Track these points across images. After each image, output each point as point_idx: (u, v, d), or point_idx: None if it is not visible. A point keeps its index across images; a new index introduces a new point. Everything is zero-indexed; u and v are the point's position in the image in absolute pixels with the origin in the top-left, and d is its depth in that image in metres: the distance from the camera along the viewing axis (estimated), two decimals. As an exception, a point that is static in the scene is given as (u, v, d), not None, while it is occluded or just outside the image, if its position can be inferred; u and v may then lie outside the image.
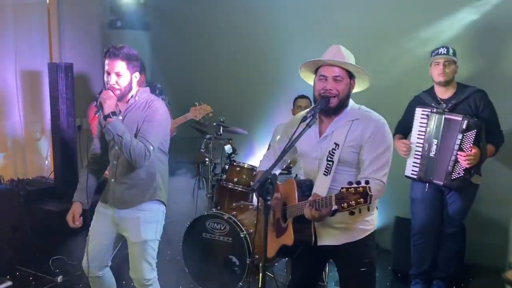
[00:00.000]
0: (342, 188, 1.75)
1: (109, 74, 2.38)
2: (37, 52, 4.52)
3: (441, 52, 3.08)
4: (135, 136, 2.38)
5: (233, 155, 3.69)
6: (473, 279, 3.65)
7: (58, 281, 3.55)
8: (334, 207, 1.85)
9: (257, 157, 4.48)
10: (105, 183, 2.65)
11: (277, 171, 2.38)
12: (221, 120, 3.71)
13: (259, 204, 1.82)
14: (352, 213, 1.76)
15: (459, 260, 3.55)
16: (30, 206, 3.84)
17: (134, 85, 2.45)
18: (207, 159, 3.84)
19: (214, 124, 3.70)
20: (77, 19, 4.80)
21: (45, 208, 3.85)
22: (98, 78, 5.16)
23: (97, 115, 2.42)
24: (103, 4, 4.89)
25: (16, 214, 3.85)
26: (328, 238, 2.13)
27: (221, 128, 3.68)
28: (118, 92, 2.38)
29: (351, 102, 2.17)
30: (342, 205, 1.74)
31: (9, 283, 3.48)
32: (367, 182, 1.72)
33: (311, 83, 2.21)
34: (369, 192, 1.69)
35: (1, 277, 3.50)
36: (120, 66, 2.36)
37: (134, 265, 2.54)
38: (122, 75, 2.37)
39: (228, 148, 3.71)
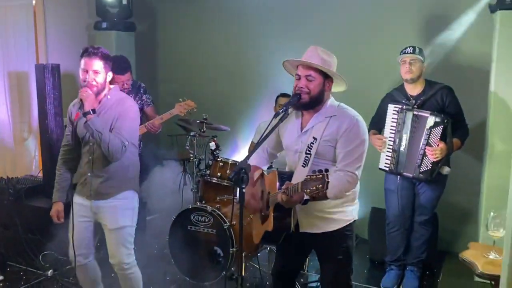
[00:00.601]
0: (307, 175, 1.93)
1: (87, 72, 2.53)
2: (23, 54, 4.62)
3: (407, 51, 3.26)
4: (110, 131, 2.55)
5: (217, 151, 3.84)
6: (445, 265, 3.84)
7: (49, 275, 3.65)
8: (306, 197, 2.02)
9: (240, 153, 4.64)
10: None
11: (265, 166, 2.54)
12: (204, 117, 3.85)
13: (235, 192, 1.98)
14: (313, 198, 1.95)
15: (432, 247, 3.73)
16: (19, 203, 3.95)
17: (107, 83, 2.62)
18: (191, 155, 3.98)
19: (198, 121, 3.85)
20: (63, 20, 4.89)
21: (34, 205, 3.97)
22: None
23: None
24: (88, 6, 4.99)
25: (5, 211, 3.95)
26: (309, 226, 2.30)
27: (205, 125, 3.83)
28: (95, 89, 2.54)
29: (331, 99, 2.32)
30: (305, 190, 1.91)
31: (0, 277, 3.60)
32: (326, 170, 1.89)
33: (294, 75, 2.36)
34: (326, 179, 1.86)
35: (-8, 272, 3.63)
36: (98, 64, 2.53)
37: (112, 251, 2.70)
38: (99, 72, 2.54)
39: (211, 145, 3.87)
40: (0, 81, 4.44)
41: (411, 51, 3.25)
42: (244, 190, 1.91)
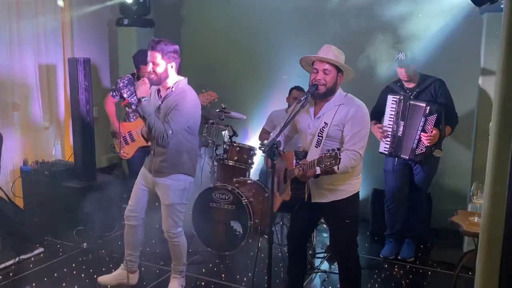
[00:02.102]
0: (321, 154, 2.36)
1: (151, 63, 2.92)
2: (52, 47, 4.98)
3: (401, 58, 3.63)
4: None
5: (234, 137, 4.26)
6: (438, 240, 4.27)
7: (84, 247, 4.10)
8: (318, 171, 2.45)
9: (253, 139, 5.06)
10: None
11: (281, 146, 2.94)
12: (223, 106, 4.27)
13: (268, 163, 2.40)
14: (325, 173, 2.36)
15: (426, 224, 4.17)
16: (54, 184, 4.35)
17: (172, 73, 2.97)
18: (210, 141, 4.40)
19: (217, 110, 4.25)
20: (87, 16, 5.25)
21: (67, 185, 4.36)
22: (106, 71, 5.67)
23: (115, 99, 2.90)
24: (113, 3, 5.36)
25: (42, 191, 4.35)
26: (320, 197, 2.72)
27: (223, 113, 4.24)
28: (154, 77, 2.92)
29: (340, 90, 2.73)
30: (321, 166, 2.34)
31: (41, 249, 4.01)
32: (338, 149, 2.34)
33: (309, 71, 2.75)
34: (339, 156, 2.30)
35: (34, 245, 4.04)
36: (157, 57, 2.90)
37: (163, 221, 3.13)
38: (158, 64, 2.91)
39: (228, 131, 4.28)
40: (32, 73, 4.78)
41: (403, 58, 3.61)
42: (274, 162, 2.33)
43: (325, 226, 4.19)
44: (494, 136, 1.77)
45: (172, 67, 2.97)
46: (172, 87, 3.01)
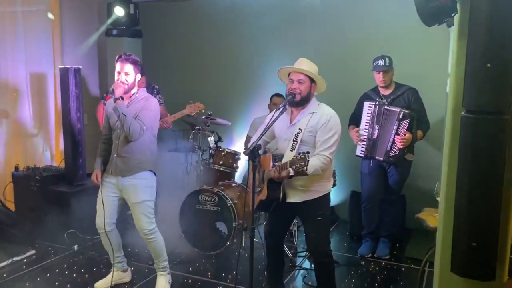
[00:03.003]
0: (293, 156, 2.62)
1: (119, 73, 3.17)
2: (43, 56, 5.15)
3: (380, 63, 3.91)
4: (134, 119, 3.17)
5: (219, 143, 4.48)
6: (412, 238, 4.54)
7: (75, 249, 4.25)
8: (291, 173, 2.68)
9: (237, 144, 5.28)
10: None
11: (261, 150, 3.17)
12: (209, 113, 4.48)
13: (249, 164, 2.62)
14: (298, 174, 2.60)
15: (400, 224, 4.45)
16: (45, 189, 4.49)
17: (136, 83, 3.25)
18: (196, 147, 4.60)
19: (203, 117, 4.47)
20: (77, 27, 5.44)
21: (58, 190, 4.51)
22: (95, 80, 5.85)
23: (104, 105, 3.12)
24: (99, 14, 5.56)
25: (33, 196, 4.49)
26: (294, 196, 2.95)
27: (209, 120, 4.45)
28: (126, 86, 3.17)
29: (313, 100, 2.98)
30: (292, 166, 2.59)
31: (33, 251, 4.15)
32: (307, 152, 2.59)
33: (286, 82, 3.01)
34: (307, 158, 2.55)
35: (26, 247, 4.17)
36: (129, 68, 3.17)
37: (136, 220, 3.31)
38: (129, 74, 3.18)
39: (214, 136, 4.50)
40: (23, 81, 4.95)
41: (383, 63, 3.89)
42: (255, 163, 2.55)
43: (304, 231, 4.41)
44: (446, 142, 2.01)
45: (138, 78, 3.26)
46: (136, 93, 3.27)
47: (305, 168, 2.60)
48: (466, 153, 1.77)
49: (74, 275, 3.76)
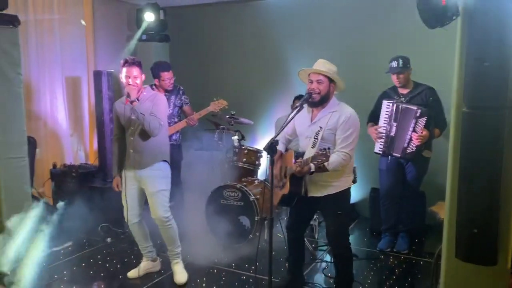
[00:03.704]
0: (316, 151, 2.77)
1: (128, 77, 3.39)
2: (77, 61, 5.48)
3: (393, 66, 4.01)
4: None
5: (242, 141, 4.68)
6: (431, 234, 4.60)
7: (108, 241, 4.54)
8: (312, 168, 2.84)
9: (260, 143, 5.46)
10: None
11: (283, 148, 3.32)
12: (232, 113, 4.68)
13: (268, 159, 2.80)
14: (319, 169, 2.74)
15: (420, 220, 4.53)
16: (80, 185, 4.81)
17: (142, 84, 3.47)
18: (220, 145, 4.81)
19: (227, 116, 4.67)
20: (109, 33, 5.76)
21: (93, 185, 4.82)
22: (125, 82, 6.15)
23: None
24: (130, 21, 5.85)
25: (69, 191, 4.81)
26: (315, 191, 3.11)
27: (233, 119, 4.66)
28: (136, 88, 3.39)
29: (333, 99, 3.13)
30: (314, 162, 2.74)
31: (70, 243, 4.45)
32: (328, 148, 2.75)
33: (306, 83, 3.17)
34: (328, 154, 2.70)
35: (63, 239, 4.47)
36: (136, 71, 3.40)
37: (153, 209, 3.52)
38: (137, 77, 3.40)
39: (238, 135, 4.70)
40: (59, 85, 5.28)
41: (396, 65, 3.99)
42: (274, 157, 2.73)
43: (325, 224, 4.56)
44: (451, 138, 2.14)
45: (143, 78, 3.48)
46: (143, 92, 3.49)
47: (326, 163, 2.74)
48: (467, 146, 1.90)
49: (107, 265, 4.02)
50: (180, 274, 3.65)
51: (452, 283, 2.18)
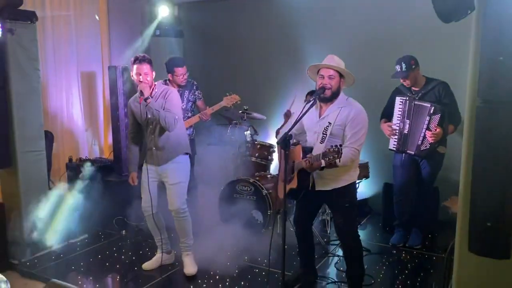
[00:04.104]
0: (326, 148, 2.78)
1: (139, 74, 3.43)
2: (92, 56, 5.56)
3: (397, 70, 3.96)
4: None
5: (255, 136, 4.71)
6: (445, 230, 4.59)
7: (123, 234, 4.62)
8: (323, 164, 2.86)
9: (272, 138, 5.49)
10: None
11: (292, 139, 3.34)
12: (245, 108, 4.72)
13: (280, 153, 2.82)
14: (330, 165, 2.77)
15: (433, 215, 4.51)
16: (95, 178, 4.88)
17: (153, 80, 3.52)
18: (234, 140, 4.84)
19: (240, 111, 4.71)
20: (123, 29, 5.82)
21: (108, 179, 4.89)
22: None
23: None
24: (144, 17, 5.90)
25: (85, 185, 4.88)
26: (322, 185, 3.12)
27: (246, 114, 4.69)
28: (147, 85, 3.43)
29: (341, 94, 3.13)
30: (325, 159, 2.75)
31: (85, 235, 4.54)
32: (340, 145, 2.75)
33: (315, 80, 3.20)
34: (340, 151, 2.71)
35: (79, 232, 4.56)
36: (147, 68, 3.44)
37: (171, 200, 3.60)
38: (148, 74, 3.45)
39: (250, 130, 4.73)
40: (74, 80, 5.37)
41: (399, 69, 3.95)
42: (287, 152, 2.76)
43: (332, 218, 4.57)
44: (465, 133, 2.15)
45: (153, 75, 3.52)
46: (155, 89, 3.54)
47: (337, 160, 2.76)
48: (482, 140, 1.91)
49: (122, 257, 4.10)
50: (190, 266, 3.72)
51: (465, 277, 2.19)
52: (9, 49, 3.76)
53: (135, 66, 3.43)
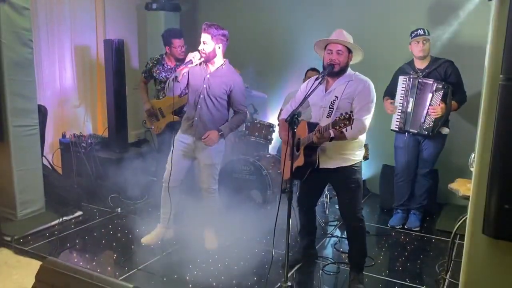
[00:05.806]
0: (336, 117, 2.66)
1: (202, 43, 3.36)
2: (86, 30, 5.36)
3: (420, 33, 3.91)
4: (228, 97, 3.49)
5: (255, 115, 4.61)
6: (443, 212, 4.59)
7: (118, 211, 4.53)
8: (332, 134, 2.77)
9: (272, 117, 5.40)
10: None
11: (300, 117, 3.22)
12: (246, 86, 4.58)
13: (289, 131, 2.72)
14: (339, 137, 2.69)
15: (432, 198, 4.49)
16: (90, 155, 4.78)
17: (219, 53, 3.41)
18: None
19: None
20: (118, 2, 5.61)
21: (102, 156, 4.78)
22: (135, 52, 6.04)
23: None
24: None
25: (79, 161, 4.78)
26: (327, 163, 3.04)
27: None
28: (204, 55, 3.36)
29: (349, 69, 3.06)
30: (335, 127, 2.63)
31: (80, 212, 4.44)
32: (351, 112, 2.65)
33: (321, 55, 3.10)
34: (351, 117, 2.59)
35: (73, 209, 4.47)
36: (206, 37, 3.34)
37: (204, 180, 3.59)
38: (207, 43, 3.34)
39: (249, 109, 4.62)
40: (68, 54, 5.18)
41: (423, 33, 3.90)
42: (295, 130, 2.66)
43: (337, 198, 4.53)
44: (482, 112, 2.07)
45: (219, 48, 3.40)
46: (222, 65, 3.46)
47: (349, 127, 2.64)
48: (503, 118, 1.83)
49: (118, 235, 4.02)
50: (211, 241, 3.74)
51: (477, 260, 2.14)
52: (0, 18, 3.58)
53: (202, 34, 3.37)
